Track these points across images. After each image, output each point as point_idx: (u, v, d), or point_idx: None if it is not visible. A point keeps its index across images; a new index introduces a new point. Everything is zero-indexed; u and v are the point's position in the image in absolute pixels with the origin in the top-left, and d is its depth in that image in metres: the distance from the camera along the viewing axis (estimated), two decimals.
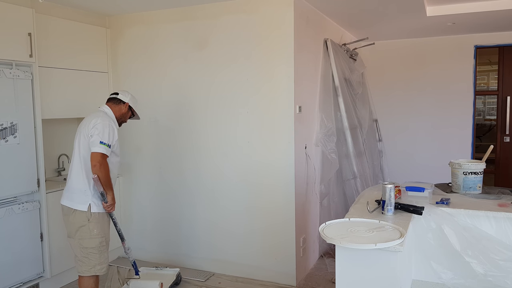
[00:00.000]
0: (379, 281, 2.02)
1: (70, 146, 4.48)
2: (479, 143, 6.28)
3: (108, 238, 3.01)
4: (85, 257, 2.91)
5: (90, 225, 2.88)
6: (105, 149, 2.81)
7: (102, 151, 2.80)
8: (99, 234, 2.91)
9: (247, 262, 3.90)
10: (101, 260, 2.94)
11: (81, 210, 2.87)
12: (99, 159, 2.79)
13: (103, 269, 2.95)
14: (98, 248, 2.91)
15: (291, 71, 3.58)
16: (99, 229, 2.90)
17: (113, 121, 2.99)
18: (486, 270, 2.25)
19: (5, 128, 3.28)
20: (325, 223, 2.25)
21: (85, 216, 2.87)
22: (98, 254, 2.91)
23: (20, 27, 3.34)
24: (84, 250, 2.89)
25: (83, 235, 2.88)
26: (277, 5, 3.60)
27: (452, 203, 2.51)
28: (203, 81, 3.95)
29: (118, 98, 3.10)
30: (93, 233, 2.88)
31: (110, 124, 2.90)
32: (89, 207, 2.87)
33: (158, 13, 4.09)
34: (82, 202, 2.88)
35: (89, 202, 2.88)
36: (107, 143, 2.82)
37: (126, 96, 3.13)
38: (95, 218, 2.89)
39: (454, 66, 5.59)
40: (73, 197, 2.91)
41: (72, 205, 2.90)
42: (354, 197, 4.23)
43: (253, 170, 3.80)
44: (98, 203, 2.91)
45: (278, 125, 3.68)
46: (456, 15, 4.34)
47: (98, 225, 2.90)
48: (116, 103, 3.09)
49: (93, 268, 2.91)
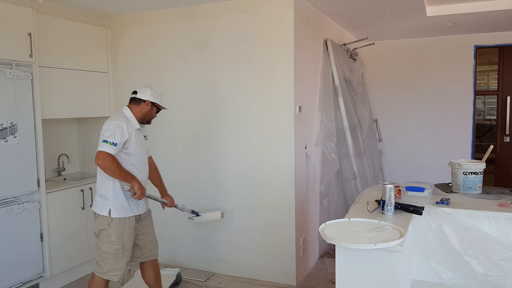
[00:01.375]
0: (379, 281, 2.02)
1: (70, 146, 4.52)
2: (479, 143, 6.28)
3: (127, 246, 2.91)
4: (101, 261, 2.89)
5: (109, 230, 2.84)
6: (109, 147, 2.74)
7: (104, 149, 2.73)
8: (117, 241, 2.86)
9: (247, 262, 3.90)
10: (116, 267, 2.88)
11: (101, 214, 2.86)
12: (100, 156, 2.73)
13: (117, 276, 2.91)
14: (114, 254, 2.86)
15: (291, 71, 3.58)
16: (117, 236, 2.85)
17: (127, 121, 2.88)
18: (486, 270, 2.25)
19: (5, 128, 3.28)
20: (325, 223, 2.25)
21: (106, 220, 2.85)
22: (113, 260, 2.87)
23: (20, 27, 3.34)
24: (102, 254, 2.88)
25: (102, 239, 2.87)
26: (277, 5, 3.60)
27: (452, 203, 2.51)
28: (203, 81, 3.95)
29: (138, 97, 2.96)
30: (111, 239, 2.84)
31: (119, 124, 2.80)
32: (109, 212, 2.85)
33: (158, 13, 4.09)
34: (103, 207, 2.86)
35: (110, 207, 2.85)
36: (111, 141, 2.75)
37: (146, 94, 2.95)
38: (115, 224, 2.85)
39: (454, 66, 5.59)
40: (96, 201, 2.91)
41: (95, 209, 2.90)
42: (354, 197, 4.23)
43: (253, 170, 3.80)
44: (118, 209, 2.86)
45: (278, 125, 3.68)
46: (456, 15, 4.34)
47: (117, 231, 2.85)
48: (137, 103, 2.96)
49: (107, 273, 2.89)
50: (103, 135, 2.77)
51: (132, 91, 3.01)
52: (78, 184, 3.93)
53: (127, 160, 2.87)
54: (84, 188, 3.95)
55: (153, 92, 2.99)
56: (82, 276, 3.99)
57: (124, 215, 2.87)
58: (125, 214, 2.88)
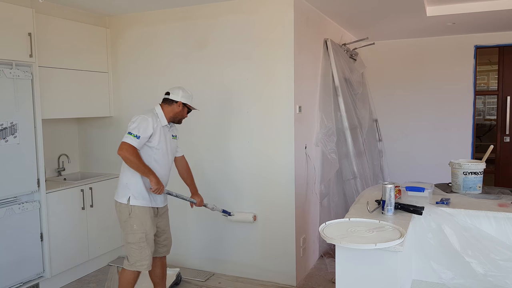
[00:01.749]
0: (379, 281, 2.02)
1: (70, 146, 4.52)
2: (479, 143, 6.28)
3: (150, 236, 3.00)
4: (128, 253, 2.98)
5: (130, 220, 2.94)
6: (132, 139, 2.84)
7: (127, 140, 2.84)
8: (139, 230, 2.94)
9: (247, 262, 3.90)
10: (142, 257, 2.96)
11: (121, 202, 2.95)
12: (123, 147, 2.83)
13: (144, 266, 2.98)
14: (138, 243, 2.94)
15: (291, 71, 3.58)
16: (138, 225, 2.94)
17: (155, 117, 2.97)
18: (486, 270, 2.25)
19: (5, 128, 3.28)
20: (325, 223, 2.25)
21: (126, 210, 2.94)
22: (138, 250, 2.95)
23: (20, 27, 3.34)
24: (128, 246, 2.97)
25: (126, 230, 2.97)
26: (277, 5, 3.60)
27: (452, 203, 2.51)
28: (203, 81, 3.95)
29: (170, 98, 3.06)
30: (133, 228, 2.94)
31: (145, 118, 2.90)
32: (128, 200, 2.93)
33: (158, 13, 4.09)
34: (123, 195, 2.96)
35: (129, 195, 2.94)
36: (135, 134, 2.85)
37: (178, 95, 3.06)
38: (135, 213, 2.94)
39: (454, 66, 5.59)
40: (118, 191, 3.01)
41: (116, 197, 3.00)
42: (354, 197, 4.23)
43: (253, 170, 3.80)
44: (137, 196, 2.95)
45: (278, 125, 3.68)
46: (456, 15, 4.34)
47: (137, 220, 2.94)
48: (169, 104, 3.06)
49: (134, 264, 2.96)
50: (129, 127, 2.89)
51: (165, 92, 3.11)
52: (78, 184, 3.93)
53: (150, 154, 2.97)
54: (84, 188, 3.95)
55: (185, 94, 3.10)
56: (82, 276, 3.99)
57: (143, 204, 2.96)
58: (144, 204, 2.97)
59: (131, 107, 4.29)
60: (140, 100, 4.21)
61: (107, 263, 4.27)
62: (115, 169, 4.42)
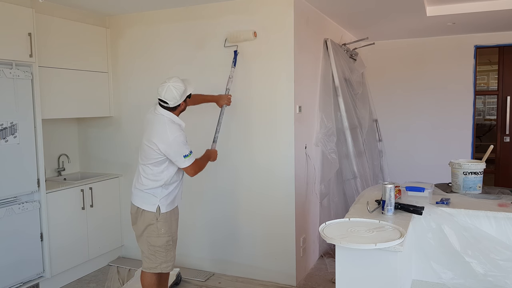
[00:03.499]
0: (379, 281, 2.02)
1: (70, 146, 4.52)
2: (479, 143, 6.28)
3: (175, 237, 3.05)
4: (152, 255, 2.96)
5: (158, 224, 2.93)
6: (190, 159, 2.87)
7: (190, 163, 2.88)
8: (167, 233, 2.96)
9: (247, 262, 3.90)
10: (167, 258, 2.99)
11: (149, 210, 2.92)
12: (190, 171, 2.92)
13: (169, 267, 3.01)
14: (165, 246, 2.96)
15: (291, 71, 3.58)
16: (166, 228, 2.95)
17: (180, 127, 2.93)
18: (486, 270, 2.25)
19: (5, 128, 3.28)
20: (325, 223, 2.25)
21: (153, 215, 2.92)
22: (164, 252, 2.97)
23: (20, 27, 3.34)
24: (152, 248, 2.95)
25: (151, 233, 2.94)
26: (277, 5, 3.60)
27: (452, 203, 2.51)
28: (203, 81, 3.95)
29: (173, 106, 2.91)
30: (160, 232, 2.93)
31: (181, 134, 2.86)
32: (158, 209, 2.92)
33: (158, 13, 4.09)
34: (150, 203, 2.92)
35: (158, 204, 2.92)
36: (188, 153, 2.86)
37: (176, 99, 2.88)
38: (163, 218, 2.94)
39: (454, 66, 5.59)
40: (143, 197, 2.94)
41: (140, 205, 2.95)
42: (354, 197, 4.23)
43: (253, 170, 3.80)
44: (166, 204, 2.95)
45: (278, 125, 3.68)
46: (456, 15, 4.34)
47: (165, 224, 2.95)
48: (172, 109, 2.95)
49: (159, 266, 2.97)
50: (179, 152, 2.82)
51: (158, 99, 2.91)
52: (78, 184, 3.93)
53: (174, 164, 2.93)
54: (84, 188, 3.95)
55: (179, 91, 2.89)
56: (82, 276, 3.99)
57: (170, 209, 2.99)
58: (171, 208, 3.00)
59: (131, 107, 4.29)
60: (140, 100, 4.21)
61: (107, 263, 4.27)
62: (115, 169, 4.42)
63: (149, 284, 3.01)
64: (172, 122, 2.90)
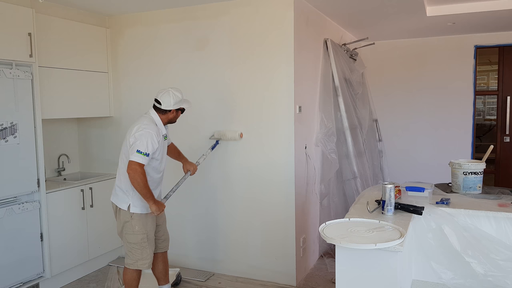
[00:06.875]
0: (379, 281, 2.02)
1: (70, 146, 4.51)
2: (479, 143, 6.28)
3: (151, 235, 3.09)
4: (130, 251, 3.04)
5: (132, 221, 3.00)
6: (142, 158, 2.83)
7: (138, 160, 2.83)
8: (140, 231, 3.01)
9: (247, 262, 3.90)
10: (143, 256, 3.04)
11: (123, 209, 3.00)
12: (133, 167, 2.84)
13: (145, 264, 3.06)
14: (140, 244, 3.02)
15: (291, 71, 3.58)
16: (140, 226, 3.01)
17: (157, 129, 2.96)
18: (486, 270, 2.25)
19: (5, 128, 3.28)
20: (325, 223, 2.25)
21: (127, 213, 2.99)
22: (140, 250, 3.02)
23: (20, 27, 3.34)
24: (128, 245, 3.04)
25: (127, 231, 3.02)
26: (277, 5, 3.60)
27: (452, 203, 2.51)
28: (203, 81, 3.95)
29: (163, 109, 3.00)
30: (134, 229, 3.00)
31: (151, 133, 2.88)
32: (129, 207, 2.99)
33: (158, 13, 4.09)
34: (123, 201, 3.01)
35: (129, 202, 2.99)
36: (145, 152, 2.84)
37: (169, 104, 2.98)
38: (137, 216, 3.00)
39: (454, 66, 5.59)
40: (118, 195, 3.04)
41: (116, 202, 3.04)
42: (354, 197, 4.23)
43: (253, 170, 3.80)
44: (137, 204, 2.99)
45: (278, 125, 3.68)
46: (456, 15, 4.34)
47: (139, 222, 3.01)
48: (162, 113, 3.02)
49: (136, 263, 3.04)
50: (135, 144, 2.84)
51: (154, 99, 3.05)
52: (78, 184, 3.93)
53: (149, 163, 2.97)
54: (84, 188, 3.95)
55: (175, 100, 3.01)
56: (82, 276, 3.99)
57: (142, 212, 3.01)
58: (144, 211, 3.02)
59: (131, 107, 4.29)
60: (140, 100, 4.21)
61: (107, 263, 4.27)
62: (114, 169, 4.38)
63: (129, 279, 3.09)
64: (152, 121, 2.99)
